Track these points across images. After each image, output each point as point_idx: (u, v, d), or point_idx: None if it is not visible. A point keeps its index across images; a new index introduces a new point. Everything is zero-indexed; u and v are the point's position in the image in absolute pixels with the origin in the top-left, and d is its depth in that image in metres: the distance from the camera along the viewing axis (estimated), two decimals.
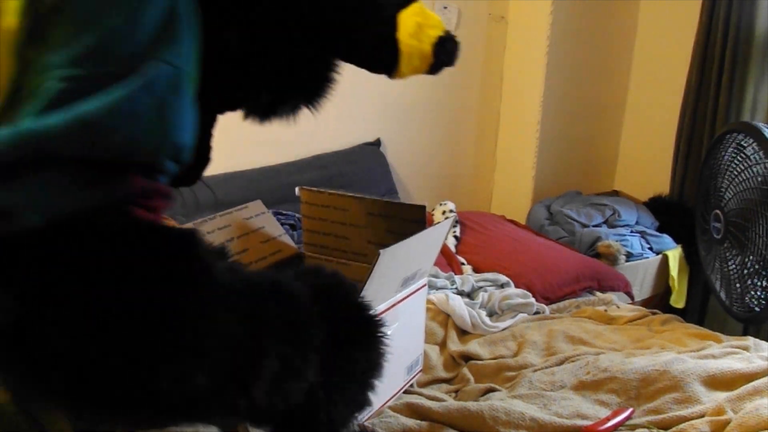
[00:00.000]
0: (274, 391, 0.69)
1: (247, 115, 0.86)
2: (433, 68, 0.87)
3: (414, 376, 1.29)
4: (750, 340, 1.46)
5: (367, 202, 1.30)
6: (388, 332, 1.13)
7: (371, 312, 0.85)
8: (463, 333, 1.57)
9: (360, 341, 0.81)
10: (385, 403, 1.18)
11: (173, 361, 0.61)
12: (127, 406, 0.62)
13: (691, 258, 2.52)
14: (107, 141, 0.59)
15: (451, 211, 2.48)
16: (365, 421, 1.10)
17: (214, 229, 1.21)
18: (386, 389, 1.18)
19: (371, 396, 0.84)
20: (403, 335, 1.21)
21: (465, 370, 1.39)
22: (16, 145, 0.56)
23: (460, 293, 1.79)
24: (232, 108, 0.85)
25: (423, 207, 1.25)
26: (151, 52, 0.61)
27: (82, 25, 0.61)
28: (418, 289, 1.24)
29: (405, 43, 0.83)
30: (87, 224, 0.60)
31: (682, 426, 1.10)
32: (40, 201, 0.58)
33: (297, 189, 1.39)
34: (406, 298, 1.19)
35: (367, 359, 0.82)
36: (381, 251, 0.98)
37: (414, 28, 0.82)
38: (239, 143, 1.93)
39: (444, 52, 0.85)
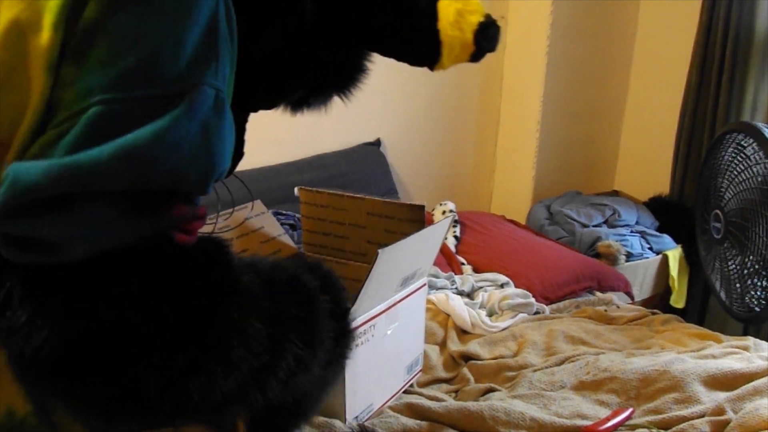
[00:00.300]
0: (286, 387, 0.70)
1: (278, 108, 0.87)
2: (475, 56, 0.84)
3: (414, 376, 1.29)
4: (750, 340, 1.46)
5: (365, 202, 1.30)
6: (388, 332, 1.14)
7: (352, 322, 0.87)
8: (463, 333, 1.57)
9: (343, 348, 0.83)
10: (385, 403, 1.18)
11: (204, 373, 0.61)
12: (156, 416, 0.63)
13: (691, 258, 2.52)
14: (152, 172, 0.57)
15: (451, 211, 2.48)
16: (365, 421, 1.10)
17: (214, 230, 1.21)
18: (386, 389, 1.18)
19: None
20: (403, 335, 1.21)
21: (465, 370, 1.39)
22: (58, 178, 0.54)
23: (460, 293, 1.79)
24: (269, 106, 0.84)
25: (422, 207, 1.25)
26: (193, 73, 0.59)
27: (122, 44, 0.58)
28: (418, 289, 1.24)
29: (446, 34, 0.80)
30: (129, 251, 0.59)
31: (682, 426, 1.10)
32: (84, 234, 0.56)
33: (296, 189, 1.39)
34: (406, 297, 1.19)
35: (340, 365, 0.83)
36: (380, 251, 0.98)
37: (454, 16, 0.79)
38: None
39: (486, 39, 0.82)
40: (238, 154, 0.85)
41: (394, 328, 1.16)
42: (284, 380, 0.69)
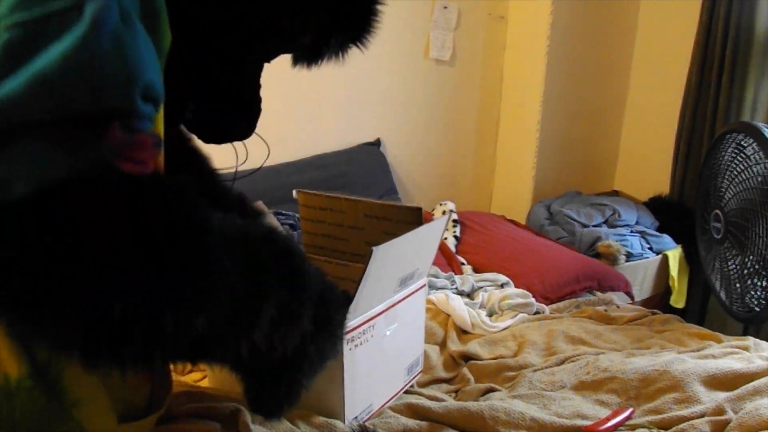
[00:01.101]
0: (273, 335, 0.72)
1: (295, 62, 0.88)
2: None
3: (414, 377, 1.29)
4: (750, 340, 1.46)
5: (362, 204, 1.30)
6: (387, 333, 1.14)
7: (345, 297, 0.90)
8: (463, 333, 1.57)
9: (340, 322, 0.86)
10: (384, 404, 1.18)
11: (177, 307, 0.62)
12: (134, 351, 0.63)
13: (691, 258, 2.52)
14: (72, 96, 0.57)
15: (451, 211, 2.48)
16: (365, 421, 1.10)
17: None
18: (386, 389, 1.18)
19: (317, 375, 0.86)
20: (403, 336, 1.21)
21: (465, 370, 1.39)
22: None
23: (460, 293, 1.79)
24: (277, 53, 0.85)
25: (419, 209, 1.25)
26: None
27: None
28: (417, 290, 1.24)
29: None
30: (75, 185, 0.59)
31: (682, 426, 1.10)
32: (22, 171, 0.57)
33: (294, 191, 1.39)
34: (405, 298, 1.19)
35: (334, 329, 0.85)
36: (374, 248, 0.98)
37: None
38: (239, 143, 1.93)
39: None
40: (256, 107, 0.88)
41: (394, 328, 1.16)
42: (268, 328, 0.70)
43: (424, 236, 1.17)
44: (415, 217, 1.23)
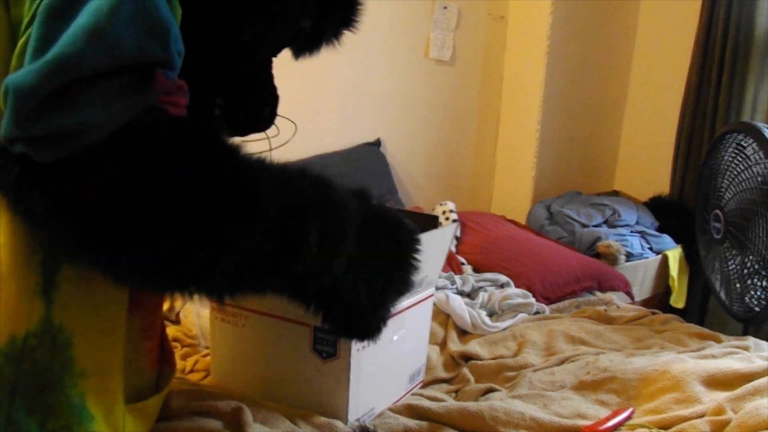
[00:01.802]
0: (320, 258, 0.78)
1: (297, 55, 0.96)
2: None
3: (415, 386, 1.28)
4: (750, 340, 1.46)
5: None
6: (394, 338, 1.13)
7: (412, 229, 0.94)
8: (463, 333, 1.57)
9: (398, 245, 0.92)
10: (384, 410, 1.18)
11: (228, 228, 0.69)
12: (192, 273, 0.70)
13: (691, 258, 2.52)
14: (123, 48, 0.64)
15: (451, 211, 2.48)
16: (366, 422, 1.10)
17: None
18: (388, 395, 1.18)
19: (406, 287, 0.93)
20: (408, 343, 1.21)
21: (465, 370, 1.39)
22: (50, 73, 0.61)
23: (460, 293, 1.79)
24: (283, 42, 0.93)
25: (436, 217, 1.27)
26: None
27: None
28: (425, 299, 1.24)
29: None
30: (132, 129, 0.66)
31: (682, 426, 1.10)
32: (94, 118, 0.63)
33: None
34: (413, 306, 1.19)
35: (398, 258, 0.92)
36: None
37: None
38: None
39: None
40: (273, 95, 0.97)
41: (400, 334, 1.16)
42: (316, 249, 0.76)
43: (432, 242, 1.17)
44: (432, 225, 1.24)
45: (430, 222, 1.24)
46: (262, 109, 0.96)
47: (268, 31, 0.88)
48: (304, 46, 0.96)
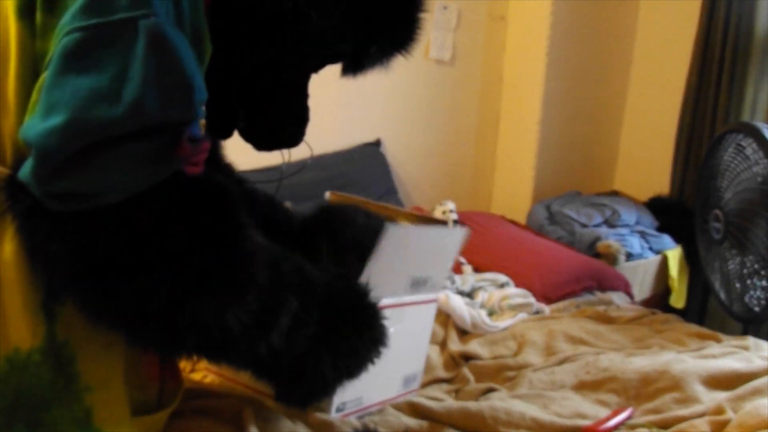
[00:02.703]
0: (287, 338, 0.82)
1: (342, 73, 0.95)
2: None
3: (409, 392, 1.27)
4: (750, 340, 1.46)
5: (391, 211, 1.31)
6: (391, 330, 1.14)
7: (373, 301, 0.95)
8: (463, 333, 1.57)
9: (359, 321, 0.93)
10: (375, 404, 1.17)
11: (218, 297, 0.72)
12: (170, 333, 0.73)
13: (691, 258, 2.52)
14: (144, 108, 0.64)
15: (451, 211, 2.47)
16: (352, 413, 1.11)
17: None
18: (379, 390, 1.17)
19: (359, 370, 0.94)
20: (405, 342, 1.20)
21: (465, 370, 1.39)
22: (73, 136, 0.62)
23: (460, 293, 1.79)
24: (320, 63, 0.92)
25: (445, 222, 1.27)
26: (140, 4, 0.66)
27: None
28: (429, 302, 1.24)
29: None
30: (154, 191, 0.68)
31: (682, 426, 1.10)
32: (116, 183, 0.65)
33: (327, 193, 1.40)
34: (415, 305, 1.19)
35: (362, 336, 0.92)
36: (387, 224, 0.99)
37: None
38: (239, 143, 1.93)
39: None
40: (304, 116, 0.97)
41: (397, 329, 1.16)
42: (285, 329, 0.80)
43: (439, 239, 1.17)
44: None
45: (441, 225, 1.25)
46: (284, 128, 0.95)
47: (295, 52, 0.87)
48: (348, 66, 0.94)
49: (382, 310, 0.97)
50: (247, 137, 0.95)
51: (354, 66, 0.93)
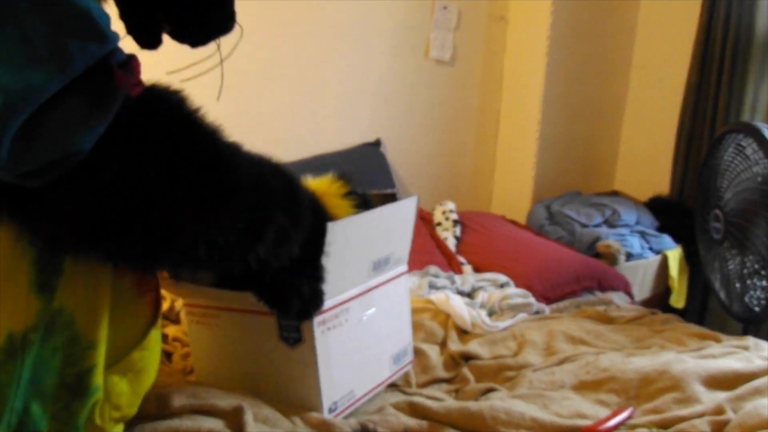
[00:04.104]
0: (273, 250, 0.87)
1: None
2: None
3: (403, 367, 1.27)
4: (750, 340, 1.46)
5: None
6: (363, 318, 1.15)
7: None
8: (463, 333, 1.57)
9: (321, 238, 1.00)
10: (371, 391, 1.17)
11: (205, 206, 0.76)
12: (163, 250, 0.77)
13: (691, 258, 2.52)
14: (74, 64, 0.65)
15: (451, 211, 2.48)
16: (348, 408, 1.11)
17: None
18: (369, 377, 1.18)
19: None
20: (383, 323, 1.20)
21: (465, 370, 1.39)
22: (6, 115, 0.61)
23: (460, 293, 1.80)
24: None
25: (393, 195, 1.30)
26: None
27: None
28: (397, 277, 1.24)
29: None
30: (119, 126, 0.70)
31: (682, 426, 1.10)
32: (76, 138, 0.66)
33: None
34: (383, 284, 1.19)
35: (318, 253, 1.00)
36: (329, 223, 0.99)
37: None
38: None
39: None
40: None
41: (371, 314, 1.16)
42: (272, 241, 0.85)
43: (389, 217, 1.17)
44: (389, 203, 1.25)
45: (389, 200, 1.25)
46: (209, 13, 0.92)
47: None
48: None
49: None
50: (178, 37, 0.93)
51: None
